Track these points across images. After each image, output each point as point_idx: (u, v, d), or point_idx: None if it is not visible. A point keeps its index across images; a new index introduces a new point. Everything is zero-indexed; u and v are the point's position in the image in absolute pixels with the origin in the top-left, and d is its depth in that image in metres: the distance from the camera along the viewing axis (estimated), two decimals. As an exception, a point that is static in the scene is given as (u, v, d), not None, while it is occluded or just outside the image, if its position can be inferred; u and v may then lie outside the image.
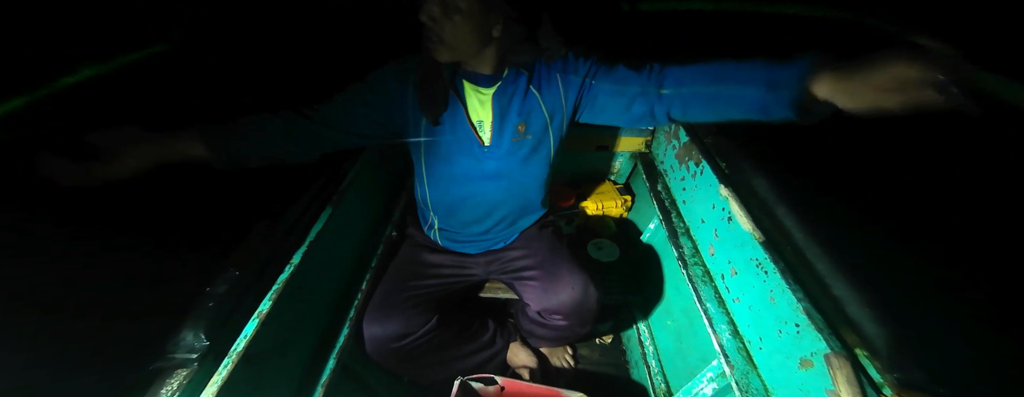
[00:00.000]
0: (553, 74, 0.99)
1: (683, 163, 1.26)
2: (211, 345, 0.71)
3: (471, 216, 1.13)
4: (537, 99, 0.99)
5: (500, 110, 0.98)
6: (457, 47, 0.86)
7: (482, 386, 1.15)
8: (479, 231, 1.17)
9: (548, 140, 1.03)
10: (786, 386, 0.77)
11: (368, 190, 1.26)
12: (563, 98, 1.00)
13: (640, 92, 0.93)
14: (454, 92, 0.97)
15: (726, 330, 0.92)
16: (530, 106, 0.99)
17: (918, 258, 1.05)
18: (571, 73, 0.99)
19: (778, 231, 0.87)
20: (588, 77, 0.98)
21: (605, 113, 1.01)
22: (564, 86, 0.99)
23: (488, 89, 0.98)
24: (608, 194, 1.69)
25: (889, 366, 0.63)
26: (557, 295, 1.06)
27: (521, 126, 0.99)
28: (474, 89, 0.98)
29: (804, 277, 0.78)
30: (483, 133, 1.01)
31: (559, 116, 1.01)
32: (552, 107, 1.00)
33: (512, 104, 0.98)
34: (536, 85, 0.99)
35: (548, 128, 1.02)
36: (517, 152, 1.02)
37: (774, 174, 0.96)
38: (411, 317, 1.04)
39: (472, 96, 0.99)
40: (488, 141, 1.01)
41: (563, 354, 1.46)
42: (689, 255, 1.12)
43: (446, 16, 0.81)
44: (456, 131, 1.00)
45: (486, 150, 1.01)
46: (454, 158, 1.03)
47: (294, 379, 0.89)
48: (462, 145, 1.01)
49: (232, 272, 0.79)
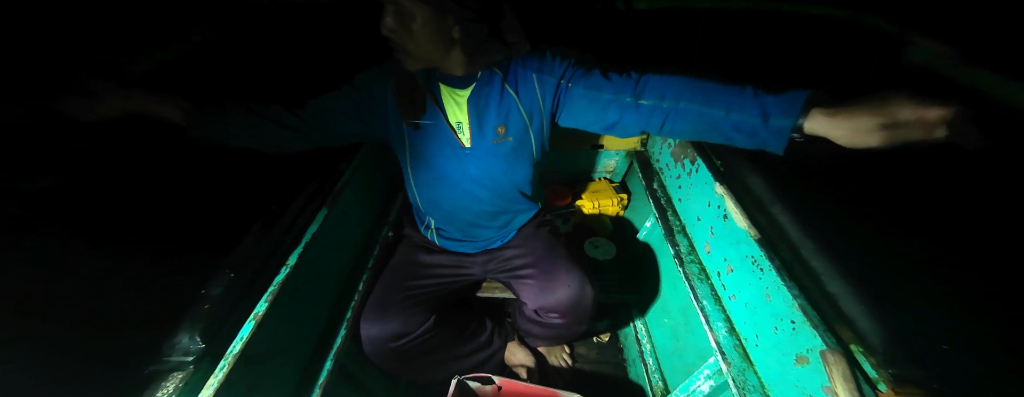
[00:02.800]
0: (529, 74, 0.98)
1: (678, 161, 1.27)
2: (207, 347, 0.70)
3: (464, 217, 1.14)
4: (514, 99, 0.98)
5: (477, 112, 0.98)
6: (420, 55, 0.86)
7: (479, 386, 1.15)
8: (475, 230, 1.17)
9: (529, 141, 1.03)
10: (782, 383, 0.78)
11: (364, 190, 1.25)
12: (540, 98, 0.98)
13: (613, 99, 0.91)
14: (431, 96, 0.97)
15: (722, 327, 0.93)
16: (507, 107, 0.98)
17: (913, 254, 1.06)
18: (546, 73, 0.97)
19: (773, 228, 0.87)
20: (564, 79, 0.96)
21: (581, 118, 0.99)
22: (540, 86, 0.98)
23: (464, 91, 0.98)
24: (604, 192, 1.70)
25: (884, 362, 0.63)
26: (554, 293, 1.06)
27: (501, 128, 0.99)
28: (450, 91, 0.98)
29: (799, 274, 0.79)
30: (462, 135, 1.01)
31: (538, 117, 1.00)
32: (530, 108, 0.99)
33: (489, 105, 0.98)
34: (512, 85, 0.98)
35: (528, 129, 1.01)
36: (498, 153, 1.02)
37: (769, 172, 0.97)
38: (408, 317, 1.04)
39: (449, 98, 0.99)
40: (468, 143, 1.01)
41: (560, 353, 1.46)
42: (685, 253, 1.12)
43: (403, 27, 0.81)
44: (437, 134, 1.00)
45: (467, 151, 1.02)
46: (437, 161, 1.04)
47: (291, 381, 0.88)
48: (443, 148, 1.02)
49: (228, 274, 0.79)
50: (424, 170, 1.07)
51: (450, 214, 1.14)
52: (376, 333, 1.02)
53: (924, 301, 0.89)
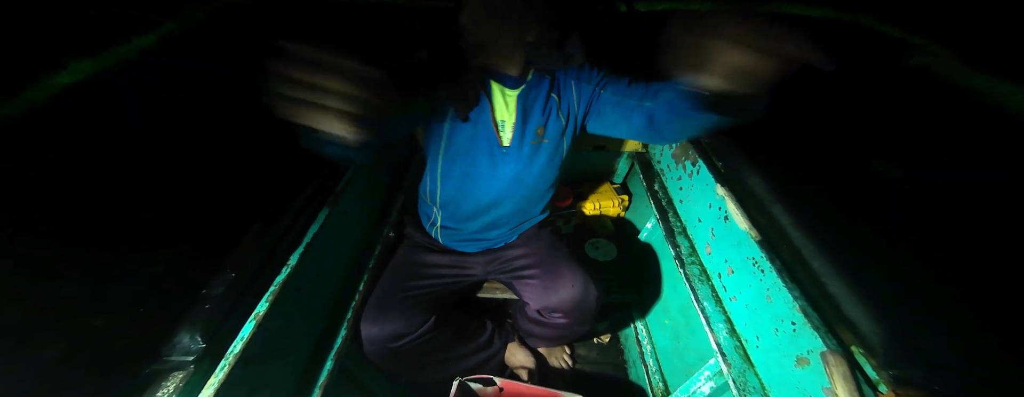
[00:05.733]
0: (569, 81, 1.03)
1: (680, 163, 1.27)
2: (207, 347, 0.70)
3: (480, 217, 1.15)
4: (557, 104, 1.02)
5: (523, 111, 1.01)
6: (492, 50, 0.89)
7: (480, 387, 1.14)
8: (480, 228, 1.17)
9: (562, 145, 1.07)
10: (783, 384, 0.77)
11: (365, 190, 1.25)
12: (577, 105, 1.04)
13: (637, 105, 0.96)
14: (483, 91, 0.99)
15: (723, 329, 0.93)
16: (550, 110, 1.02)
17: (913, 257, 1.06)
18: (584, 82, 1.03)
19: (774, 230, 0.87)
20: (598, 87, 1.02)
21: (608, 122, 1.04)
22: (577, 93, 1.03)
23: (514, 90, 1.00)
24: (605, 194, 1.70)
25: (885, 363, 0.63)
26: (557, 293, 1.06)
27: (540, 130, 1.02)
28: (500, 89, 1.00)
29: (800, 276, 0.79)
30: (504, 133, 1.03)
31: (573, 122, 1.05)
32: (568, 113, 1.04)
33: (535, 106, 1.01)
34: (556, 91, 1.02)
35: (564, 133, 1.05)
36: (533, 155, 1.05)
37: (770, 173, 0.97)
38: (409, 317, 1.04)
39: (498, 96, 1.01)
40: (507, 142, 1.03)
41: (561, 354, 1.46)
42: (686, 254, 1.12)
43: (489, 20, 0.84)
44: (478, 129, 1.02)
45: (505, 150, 1.04)
46: (472, 155, 1.05)
47: (292, 381, 0.88)
48: (481, 144, 1.03)
49: (228, 273, 0.79)
50: (455, 162, 1.07)
51: (463, 209, 1.14)
52: (376, 333, 1.02)
53: (926, 303, 0.89)
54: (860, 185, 1.22)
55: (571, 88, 1.03)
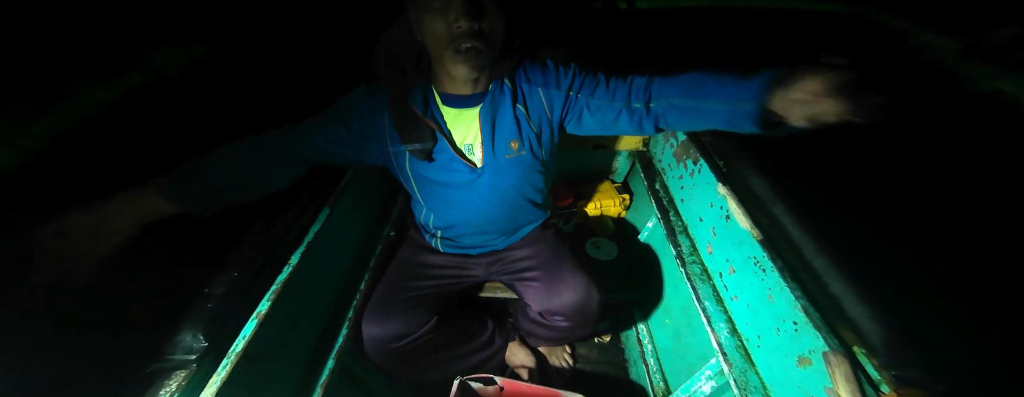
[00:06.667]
0: (535, 88, 0.96)
1: (681, 161, 1.27)
2: (209, 346, 0.70)
3: (472, 229, 1.13)
4: (525, 117, 0.96)
5: (491, 128, 0.94)
6: (492, 57, 0.84)
7: (481, 386, 1.15)
8: (478, 239, 1.17)
9: (541, 153, 1.01)
10: (784, 384, 0.78)
11: (366, 190, 1.26)
12: (548, 111, 0.97)
13: (625, 107, 0.91)
14: (433, 124, 0.92)
15: (724, 328, 0.93)
16: (518, 122, 0.96)
17: (915, 256, 1.06)
18: (553, 87, 0.95)
19: (776, 229, 0.87)
20: (572, 91, 0.95)
21: (591, 126, 0.99)
22: (547, 100, 0.96)
23: (473, 108, 0.94)
24: (606, 193, 1.70)
25: (887, 363, 0.63)
26: (559, 296, 1.05)
27: (514, 143, 0.97)
28: (457, 113, 0.94)
29: (802, 275, 0.79)
30: (474, 156, 0.98)
31: (547, 129, 0.99)
32: (539, 123, 0.98)
33: (503, 120, 0.95)
34: (521, 102, 0.96)
35: (539, 142, 0.99)
36: (512, 168, 1.00)
37: (772, 172, 0.96)
38: (410, 318, 1.04)
39: (455, 121, 0.95)
40: (481, 162, 0.98)
41: (562, 353, 1.46)
42: (687, 253, 1.12)
43: (494, 29, 0.79)
44: (445, 161, 0.97)
45: (479, 170, 0.98)
46: (447, 186, 1.02)
47: (293, 380, 0.89)
48: (453, 174, 0.98)
49: (230, 273, 0.79)
50: (435, 197, 1.05)
51: (461, 231, 1.13)
52: (377, 334, 1.02)
53: (928, 303, 0.89)
54: (861, 185, 1.22)
55: (538, 95, 0.96)
